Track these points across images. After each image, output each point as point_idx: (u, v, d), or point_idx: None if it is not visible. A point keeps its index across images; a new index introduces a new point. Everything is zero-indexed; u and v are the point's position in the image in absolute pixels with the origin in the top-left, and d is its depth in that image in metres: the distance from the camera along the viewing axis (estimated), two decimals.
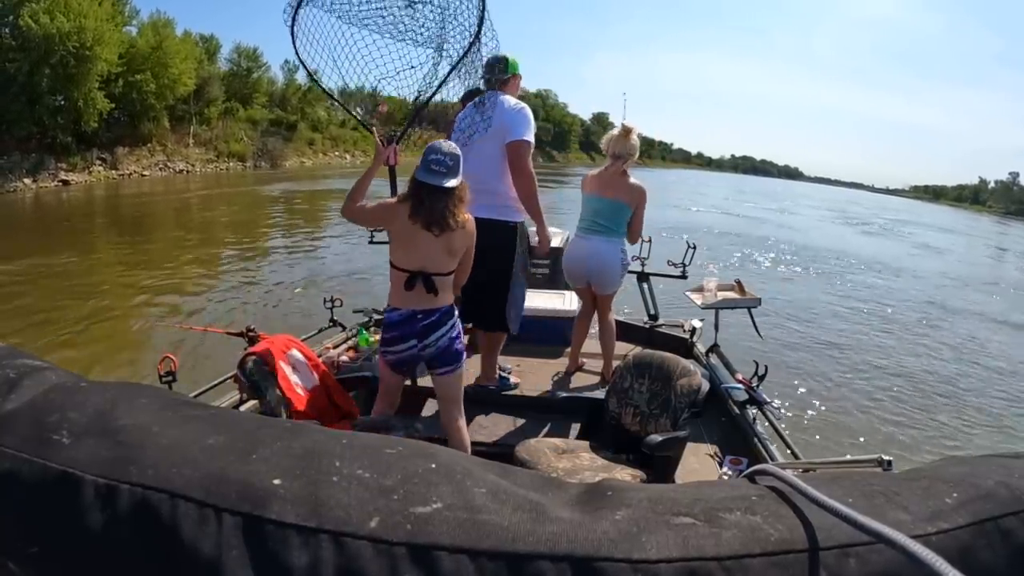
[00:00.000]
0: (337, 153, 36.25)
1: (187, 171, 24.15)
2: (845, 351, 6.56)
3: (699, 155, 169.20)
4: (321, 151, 34.87)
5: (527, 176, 2.39)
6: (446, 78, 2.34)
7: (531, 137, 2.39)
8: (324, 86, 2.55)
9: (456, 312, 2.09)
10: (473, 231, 2.01)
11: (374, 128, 2.29)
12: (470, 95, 2.88)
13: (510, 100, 2.46)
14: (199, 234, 11.37)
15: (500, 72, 2.52)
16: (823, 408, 4.83)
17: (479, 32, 2.21)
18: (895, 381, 5.76)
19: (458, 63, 2.29)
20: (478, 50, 2.26)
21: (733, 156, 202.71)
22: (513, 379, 2.80)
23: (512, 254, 2.47)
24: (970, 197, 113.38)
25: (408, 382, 2.40)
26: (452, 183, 1.88)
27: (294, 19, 2.31)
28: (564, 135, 69.90)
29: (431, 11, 2.24)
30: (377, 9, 2.26)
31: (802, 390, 5.16)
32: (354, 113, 2.64)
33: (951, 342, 7.55)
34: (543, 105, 66.30)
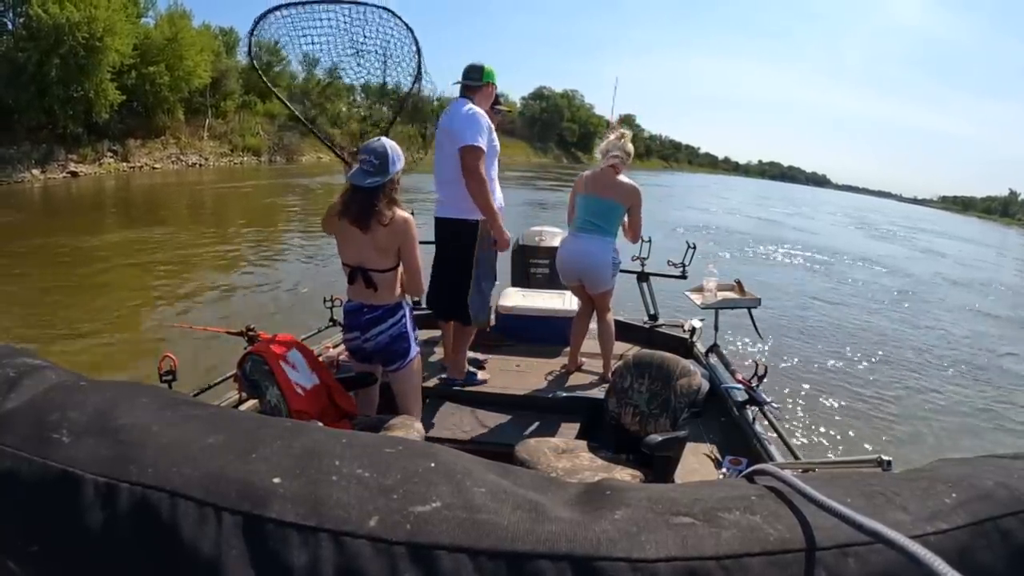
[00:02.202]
0: (356, 149, 36.26)
1: (200, 164, 24.00)
2: (845, 351, 6.56)
3: (726, 160, 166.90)
4: (339, 146, 35.02)
5: (475, 179, 2.48)
6: (394, 119, 2.75)
7: (480, 142, 2.48)
8: (294, 108, 2.84)
9: (403, 312, 2.15)
10: (405, 230, 2.03)
11: (344, 153, 2.55)
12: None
13: (465, 106, 2.55)
14: (201, 229, 11.36)
15: (474, 79, 2.63)
16: (822, 408, 4.84)
17: (419, 75, 2.65)
18: (895, 381, 5.77)
19: (402, 107, 2.72)
20: (419, 91, 2.68)
21: (760, 162, 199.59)
22: (481, 375, 2.83)
23: (471, 250, 2.59)
24: (999, 209, 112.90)
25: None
26: (373, 182, 1.97)
27: (250, 49, 2.56)
28: (590, 136, 69.34)
29: (375, 57, 2.65)
30: (331, 57, 2.66)
31: (802, 390, 5.16)
32: (332, 146, 2.86)
33: (951, 343, 7.55)
34: (569, 105, 66.00)
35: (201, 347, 4.33)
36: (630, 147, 2.81)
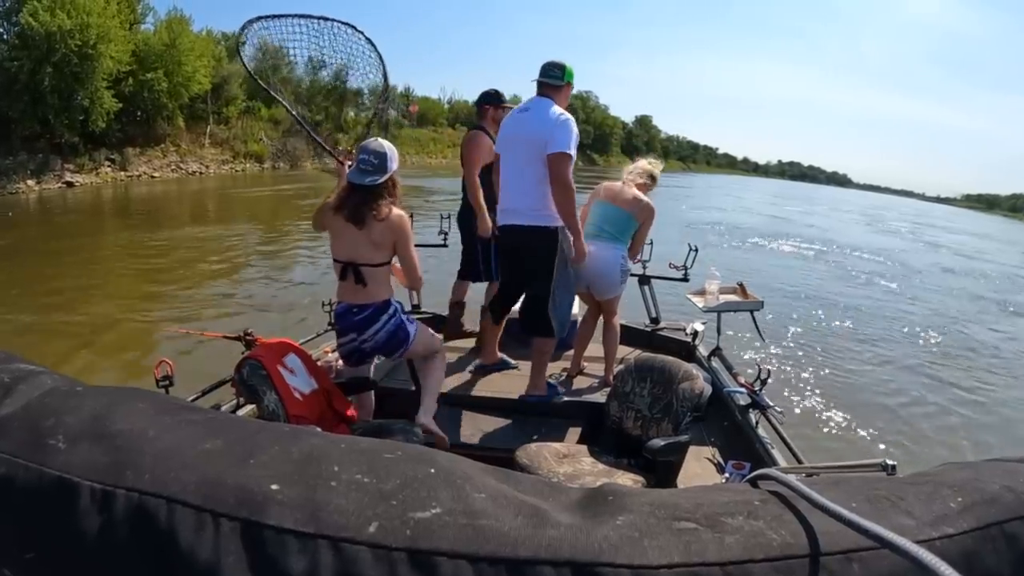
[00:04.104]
0: (350, 149, 35.28)
1: (200, 172, 23.57)
2: (849, 354, 6.53)
3: (745, 160, 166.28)
4: (346, 152, 34.27)
5: (566, 188, 2.38)
6: (370, 124, 2.85)
7: (573, 150, 2.37)
8: (292, 110, 2.83)
9: (393, 306, 2.17)
10: (400, 226, 2.06)
11: (338, 150, 2.58)
12: (486, 98, 3.17)
13: (555, 110, 2.43)
14: (195, 235, 11.34)
15: (555, 78, 2.49)
16: (826, 411, 4.81)
17: (386, 85, 2.79)
18: (899, 384, 5.74)
19: (375, 115, 2.84)
20: (387, 101, 2.75)
21: (780, 162, 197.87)
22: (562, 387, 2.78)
23: (552, 258, 2.46)
24: None
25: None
26: (373, 180, 2.02)
27: (242, 59, 2.65)
28: (605, 137, 69.18)
29: (333, 70, 3.02)
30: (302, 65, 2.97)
31: (805, 393, 5.14)
32: (314, 134, 2.83)
33: (958, 345, 7.49)
34: (583, 107, 65.94)
35: (198, 352, 4.32)
36: (658, 172, 2.91)
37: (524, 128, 2.46)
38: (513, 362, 3.02)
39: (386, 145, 2.07)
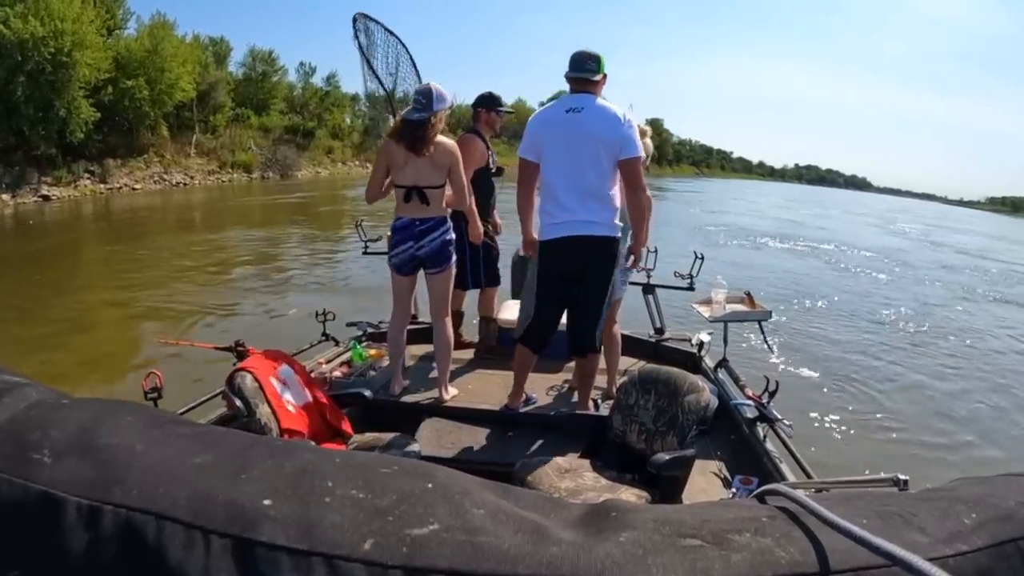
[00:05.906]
0: (358, 162, 33.83)
1: (185, 183, 22.80)
2: (859, 365, 6.46)
3: (760, 164, 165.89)
4: (340, 160, 32.98)
5: (646, 194, 2.34)
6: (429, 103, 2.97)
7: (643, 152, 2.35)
8: (382, 79, 3.14)
9: (450, 224, 2.59)
10: (453, 150, 2.49)
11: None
12: (480, 100, 3.23)
13: (617, 109, 2.28)
14: (181, 245, 11.35)
15: (591, 71, 2.31)
16: (837, 424, 4.76)
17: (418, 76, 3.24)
18: (911, 396, 5.67)
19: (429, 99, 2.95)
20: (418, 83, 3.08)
21: (797, 166, 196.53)
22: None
23: (613, 270, 2.42)
24: None
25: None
26: (421, 116, 2.41)
27: (358, 39, 3.02)
28: None
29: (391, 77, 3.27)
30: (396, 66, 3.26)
31: (815, 405, 5.08)
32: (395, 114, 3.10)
33: (972, 354, 7.39)
34: None
35: (188, 363, 4.29)
36: (649, 146, 2.73)
37: (583, 129, 2.26)
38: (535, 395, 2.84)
39: (435, 87, 2.44)
